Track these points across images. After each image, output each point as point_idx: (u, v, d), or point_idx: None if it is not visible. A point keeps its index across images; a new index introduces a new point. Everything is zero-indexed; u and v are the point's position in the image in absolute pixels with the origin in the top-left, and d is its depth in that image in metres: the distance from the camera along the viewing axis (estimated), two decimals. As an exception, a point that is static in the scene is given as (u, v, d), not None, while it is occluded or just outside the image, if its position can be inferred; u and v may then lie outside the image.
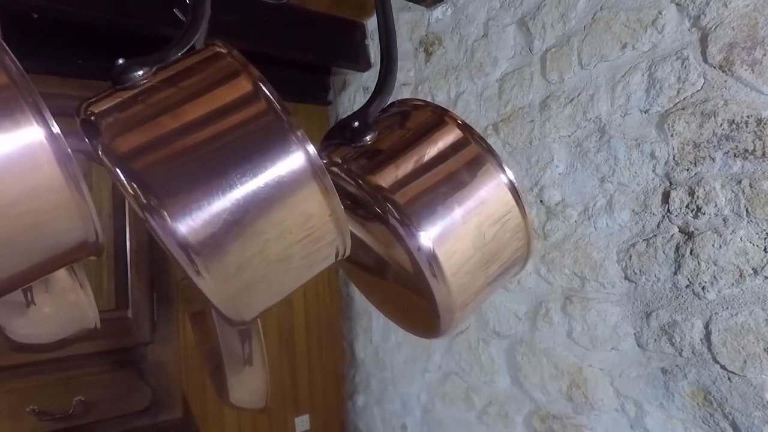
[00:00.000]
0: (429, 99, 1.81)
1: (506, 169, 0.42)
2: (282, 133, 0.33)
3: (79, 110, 0.31)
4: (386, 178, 0.38)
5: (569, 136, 1.25)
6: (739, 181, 0.91)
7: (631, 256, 1.11)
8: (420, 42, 1.85)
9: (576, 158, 1.24)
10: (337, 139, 0.43)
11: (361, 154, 0.41)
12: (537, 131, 1.34)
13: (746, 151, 0.90)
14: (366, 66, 2.21)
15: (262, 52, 2.05)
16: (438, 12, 1.74)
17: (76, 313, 0.56)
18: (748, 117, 0.89)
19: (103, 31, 1.87)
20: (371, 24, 2.17)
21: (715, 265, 0.95)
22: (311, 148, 0.33)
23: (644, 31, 1.07)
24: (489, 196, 0.39)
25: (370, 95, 0.50)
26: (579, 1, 1.21)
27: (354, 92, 2.37)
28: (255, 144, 0.31)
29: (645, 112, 1.07)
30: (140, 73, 0.32)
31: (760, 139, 0.88)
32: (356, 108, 1.97)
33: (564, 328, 1.28)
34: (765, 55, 0.87)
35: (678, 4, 1.01)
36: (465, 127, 0.42)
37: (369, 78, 2.23)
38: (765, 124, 0.87)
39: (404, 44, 1.95)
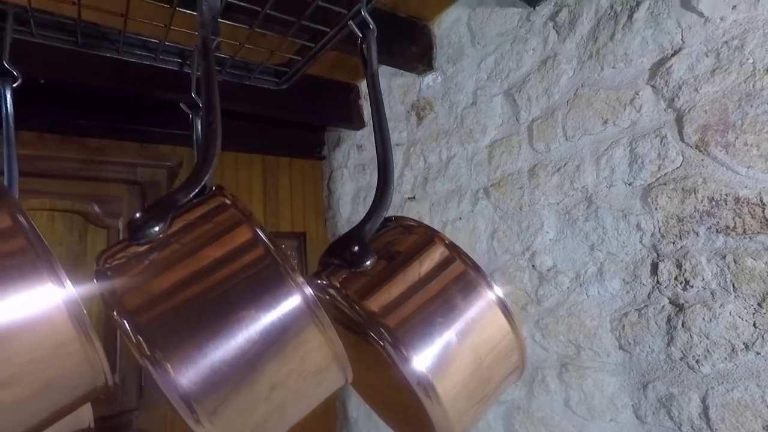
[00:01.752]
0: (421, 160, 1.86)
1: (494, 286, 0.43)
2: (280, 279, 0.34)
3: (97, 261, 0.33)
4: (380, 303, 0.39)
5: (558, 203, 1.29)
6: (724, 257, 0.94)
7: (624, 326, 1.11)
8: (412, 106, 1.92)
9: (565, 225, 1.27)
10: (337, 259, 0.44)
11: (358, 277, 0.42)
12: (527, 197, 1.38)
13: (728, 227, 0.93)
14: (359, 125, 2.28)
15: (262, 114, 2.12)
16: (429, 79, 1.82)
17: (71, 415, 0.55)
18: (726, 195, 0.93)
19: (105, 94, 1.94)
20: (365, 86, 2.26)
21: (707, 338, 0.96)
22: (308, 291, 0.35)
23: (623, 109, 1.13)
24: (481, 318, 0.41)
25: (369, 209, 0.52)
26: (561, 77, 1.29)
27: (348, 149, 2.44)
28: (254, 292, 0.33)
29: (629, 185, 1.12)
30: (156, 229, 0.33)
31: (740, 217, 0.91)
32: (350, 163, 2.02)
33: (561, 396, 1.26)
34: (737, 138, 0.92)
35: (653, 86, 1.07)
36: (452, 247, 0.44)
37: (362, 136, 2.30)
38: (743, 202, 0.91)
39: (396, 106, 2.02)
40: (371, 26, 0.65)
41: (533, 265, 1.35)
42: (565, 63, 1.28)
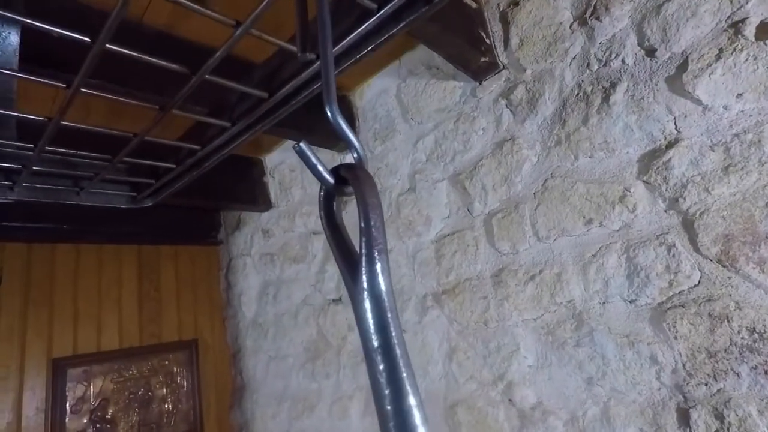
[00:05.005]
0: (347, 253, 1.52)
1: None
2: None
3: None
4: None
5: (535, 320, 1.02)
6: None
7: (650, 494, 0.84)
8: (331, 187, 1.60)
9: (549, 349, 1.00)
10: None
11: None
12: (493, 311, 1.10)
13: None
14: (265, 206, 1.88)
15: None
16: (351, 158, 1.53)
17: None
18: None
19: None
20: (271, 160, 1.90)
21: None
22: None
23: (612, 208, 0.92)
24: None
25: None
26: (524, 164, 1.07)
27: (251, 233, 2.01)
28: None
29: (631, 303, 0.88)
30: None
31: None
32: (254, 251, 1.58)
33: None
34: None
35: (646, 182, 0.88)
36: None
37: (269, 219, 1.90)
38: None
39: (312, 187, 1.69)
40: (359, 153, 0.31)
41: (510, 400, 1.05)
42: (526, 148, 1.06)
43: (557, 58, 1.02)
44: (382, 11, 0.38)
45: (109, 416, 1.74)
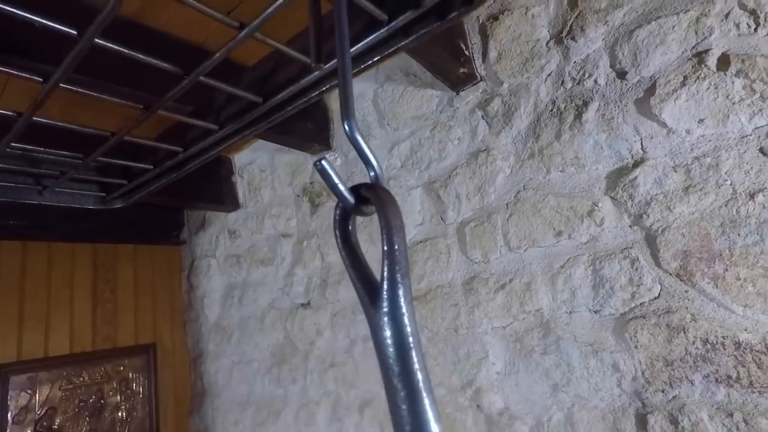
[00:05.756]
0: (317, 258, 1.51)
1: None
2: None
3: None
4: None
5: (504, 328, 1.05)
6: (731, 414, 0.77)
7: (609, 496, 0.88)
8: (303, 190, 1.58)
9: (517, 357, 1.02)
10: None
11: None
12: (464, 318, 1.12)
13: (729, 377, 0.77)
14: (233, 206, 1.84)
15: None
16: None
17: None
18: (723, 338, 0.78)
19: None
20: (240, 159, 1.85)
21: None
22: None
23: (580, 222, 0.96)
24: None
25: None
26: (497, 176, 1.09)
27: (216, 234, 1.95)
28: None
29: (596, 313, 0.93)
30: None
31: (743, 366, 0.76)
32: (219, 252, 1.54)
33: None
34: (726, 270, 0.78)
35: (613, 198, 0.92)
36: None
37: (236, 219, 1.86)
38: (745, 349, 0.76)
39: (282, 188, 1.66)
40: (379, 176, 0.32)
41: (478, 405, 1.07)
42: (500, 159, 1.09)
43: (533, 73, 1.05)
44: (393, 23, 0.38)
45: (56, 426, 1.64)
